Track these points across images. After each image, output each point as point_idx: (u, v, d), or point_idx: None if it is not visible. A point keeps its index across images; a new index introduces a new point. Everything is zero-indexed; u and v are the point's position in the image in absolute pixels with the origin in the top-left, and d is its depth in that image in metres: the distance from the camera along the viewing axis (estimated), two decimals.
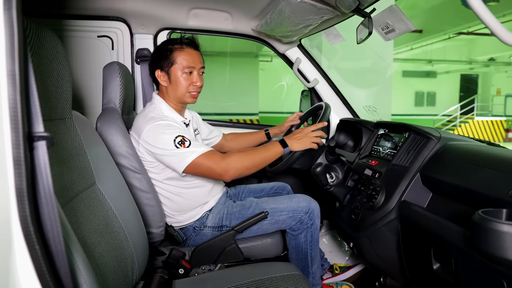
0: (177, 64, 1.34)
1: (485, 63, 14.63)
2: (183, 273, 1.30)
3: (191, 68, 1.35)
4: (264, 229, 1.43)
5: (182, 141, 1.24)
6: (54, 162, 0.77)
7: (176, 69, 1.34)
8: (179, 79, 1.35)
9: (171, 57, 1.34)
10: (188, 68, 1.35)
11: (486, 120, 14.41)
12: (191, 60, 1.35)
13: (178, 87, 1.36)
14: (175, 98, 1.39)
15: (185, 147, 1.23)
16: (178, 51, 1.35)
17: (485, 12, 0.66)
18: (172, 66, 1.34)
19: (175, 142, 1.23)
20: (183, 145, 1.23)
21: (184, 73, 1.35)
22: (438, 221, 0.97)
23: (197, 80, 1.37)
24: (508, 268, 0.74)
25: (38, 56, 0.72)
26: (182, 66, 1.34)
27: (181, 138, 1.24)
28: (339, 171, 1.61)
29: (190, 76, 1.36)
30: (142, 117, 1.33)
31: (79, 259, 0.62)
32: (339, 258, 1.90)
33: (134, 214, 1.10)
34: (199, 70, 1.38)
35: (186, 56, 1.34)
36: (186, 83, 1.35)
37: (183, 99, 1.39)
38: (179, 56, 1.34)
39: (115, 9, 1.65)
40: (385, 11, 1.22)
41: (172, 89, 1.37)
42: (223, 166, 1.24)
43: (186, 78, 1.35)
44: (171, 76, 1.35)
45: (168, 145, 1.23)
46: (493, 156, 1.00)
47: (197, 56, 1.38)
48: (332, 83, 2.01)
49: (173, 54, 1.34)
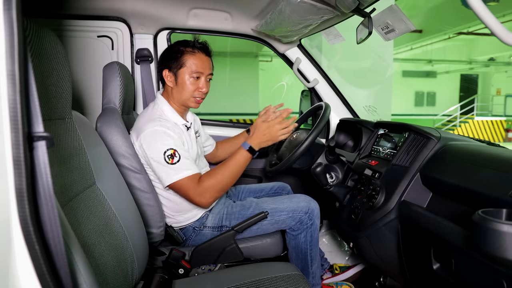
0: (185, 67, 1.33)
1: (485, 63, 14.64)
2: (183, 273, 1.30)
3: (199, 74, 1.35)
4: (264, 229, 1.43)
5: (172, 155, 1.24)
6: (54, 162, 0.77)
7: (184, 72, 1.34)
8: (186, 82, 1.34)
9: (181, 59, 1.33)
10: (196, 73, 1.34)
11: (486, 120, 14.41)
12: (201, 65, 1.34)
13: (184, 90, 1.35)
14: (179, 101, 1.38)
15: (172, 163, 1.23)
16: (189, 54, 1.34)
17: (485, 12, 0.66)
18: (181, 69, 1.34)
19: (165, 154, 1.23)
20: (171, 160, 1.23)
21: (191, 77, 1.34)
22: (438, 221, 0.97)
23: (203, 86, 1.36)
24: (508, 268, 0.74)
25: (38, 56, 0.72)
26: (190, 70, 1.33)
27: (172, 152, 1.24)
28: (339, 171, 1.61)
29: (197, 81, 1.35)
30: (143, 117, 1.33)
31: (79, 259, 0.62)
32: (339, 258, 1.90)
33: (134, 214, 1.10)
34: (207, 76, 1.38)
35: (196, 61, 1.34)
36: (192, 88, 1.35)
37: (186, 103, 1.38)
38: (189, 60, 1.33)
39: (115, 9, 1.65)
40: (385, 11, 1.22)
41: (178, 91, 1.37)
42: (198, 193, 1.25)
43: (193, 83, 1.35)
44: (178, 78, 1.35)
45: (158, 155, 1.24)
46: (493, 156, 1.00)
47: (207, 62, 1.37)
48: (332, 83, 2.01)
49: (184, 57, 1.33)
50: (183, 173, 1.24)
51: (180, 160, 1.24)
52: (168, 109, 1.38)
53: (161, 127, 1.26)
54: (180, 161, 1.24)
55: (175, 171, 1.24)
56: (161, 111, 1.36)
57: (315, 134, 1.46)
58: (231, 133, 2.02)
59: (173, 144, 1.25)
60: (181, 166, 1.24)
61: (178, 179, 1.24)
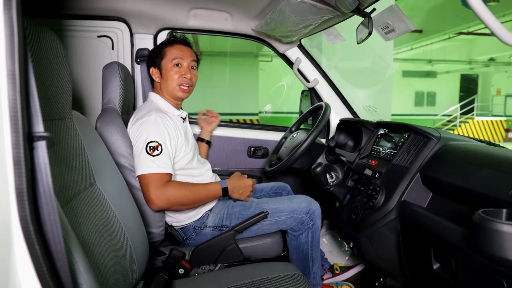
0: (166, 58, 1.39)
1: (485, 63, 14.63)
2: (183, 273, 1.30)
3: (179, 60, 1.39)
4: (264, 229, 1.43)
5: (155, 147, 1.22)
6: (54, 162, 0.77)
7: (166, 63, 1.39)
8: (169, 72, 1.39)
9: (161, 52, 1.40)
10: (175, 59, 1.38)
11: (486, 120, 14.41)
12: (180, 52, 1.40)
13: (169, 80, 1.39)
14: (167, 92, 1.42)
15: (152, 154, 1.21)
16: (168, 46, 1.41)
17: (485, 12, 0.66)
18: (162, 60, 1.39)
19: (148, 145, 1.22)
20: (151, 151, 1.22)
21: (173, 66, 1.38)
22: (438, 221, 0.97)
23: (186, 72, 1.39)
24: (508, 268, 0.74)
25: (38, 56, 0.72)
26: (171, 58, 1.38)
27: (156, 144, 1.23)
28: (339, 171, 1.61)
29: (179, 68, 1.39)
30: (138, 112, 1.35)
31: (79, 259, 0.62)
32: (339, 258, 1.90)
33: (134, 214, 1.10)
34: (189, 63, 1.41)
35: (174, 50, 1.40)
36: (175, 76, 1.39)
37: (174, 92, 1.40)
38: (168, 51, 1.40)
39: (115, 9, 1.65)
40: (385, 11, 1.22)
41: (164, 83, 1.41)
42: (157, 195, 1.20)
43: (176, 71, 1.39)
44: (162, 71, 1.40)
45: (142, 143, 1.23)
46: (493, 156, 1.00)
47: (186, 50, 1.42)
48: (332, 83, 2.01)
49: (164, 49, 1.40)
50: (157, 169, 1.21)
51: (160, 155, 1.23)
52: (162, 102, 1.41)
53: (156, 117, 1.28)
54: (160, 156, 1.23)
55: (152, 163, 1.21)
56: (156, 105, 1.39)
57: (315, 134, 1.46)
58: (231, 133, 2.02)
59: (160, 138, 1.25)
60: (158, 160, 1.22)
61: (150, 172, 1.21)
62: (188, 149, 1.40)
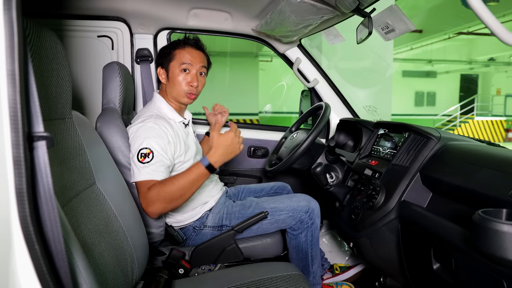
0: (175, 61, 1.34)
1: (485, 63, 14.64)
2: (183, 273, 1.30)
3: (187, 65, 1.34)
4: (264, 228, 1.43)
5: (146, 154, 1.18)
6: (54, 162, 0.77)
7: (174, 66, 1.34)
8: (176, 77, 1.34)
9: (171, 54, 1.35)
10: (184, 65, 1.33)
11: (486, 120, 14.41)
12: (189, 57, 1.34)
13: (175, 84, 1.35)
14: (172, 97, 1.38)
15: (142, 162, 1.18)
16: (179, 49, 1.35)
17: (485, 12, 0.66)
18: (171, 63, 1.35)
19: (140, 152, 1.19)
20: (142, 159, 1.18)
21: (181, 71, 1.34)
22: (438, 221, 0.97)
23: (193, 80, 1.34)
24: (508, 268, 0.74)
25: (38, 56, 0.72)
26: (179, 62, 1.34)
27: (148, 151, 1.18)
28: (339, 171, 1.61)
29: (187, 75, 1.34)
30: (139, 115, 1.34)
31: (79, 259, 0.62)
32: (339, 258, 1.90)
33: (134, 214, 1.10)
34: (198, 70, 1.36)
35: (185, 53, 1.35)
36: (182, 82, 1.34)
37: (178, 98, 1.37)
38: (178, 53, 1.34)
39: (115, 9, 1.65)
40: (385, 11, 1.22)
41: (170, 86, 1.37)
42: (146, 202, 1.16)
43: (183, 77, 1.34)
44: (169, 73, 1.36)
45: (135, 150, 1.20)
46: (493, 156, 1.00)
47: (197, 55, 1.36)
48: (332, 83, 2.01)
49: (174, 51, 1.35)
50: (145, 176, 1.17)
51: (150, 162, 1.18)
52: (165, 106, 1.37)
53: (153, 123, 1.25)
54: (150, 163, 1.18)
55: (138, 171, 1.18)
56: (158, 109, 1.36)
57: (315, 134, 1.46)
58: None
59: (153, 145, 1.20)
60: (147, 167, 1.18)
61: (138, 180, 1.18)
62: (188, 156, 1.37)
